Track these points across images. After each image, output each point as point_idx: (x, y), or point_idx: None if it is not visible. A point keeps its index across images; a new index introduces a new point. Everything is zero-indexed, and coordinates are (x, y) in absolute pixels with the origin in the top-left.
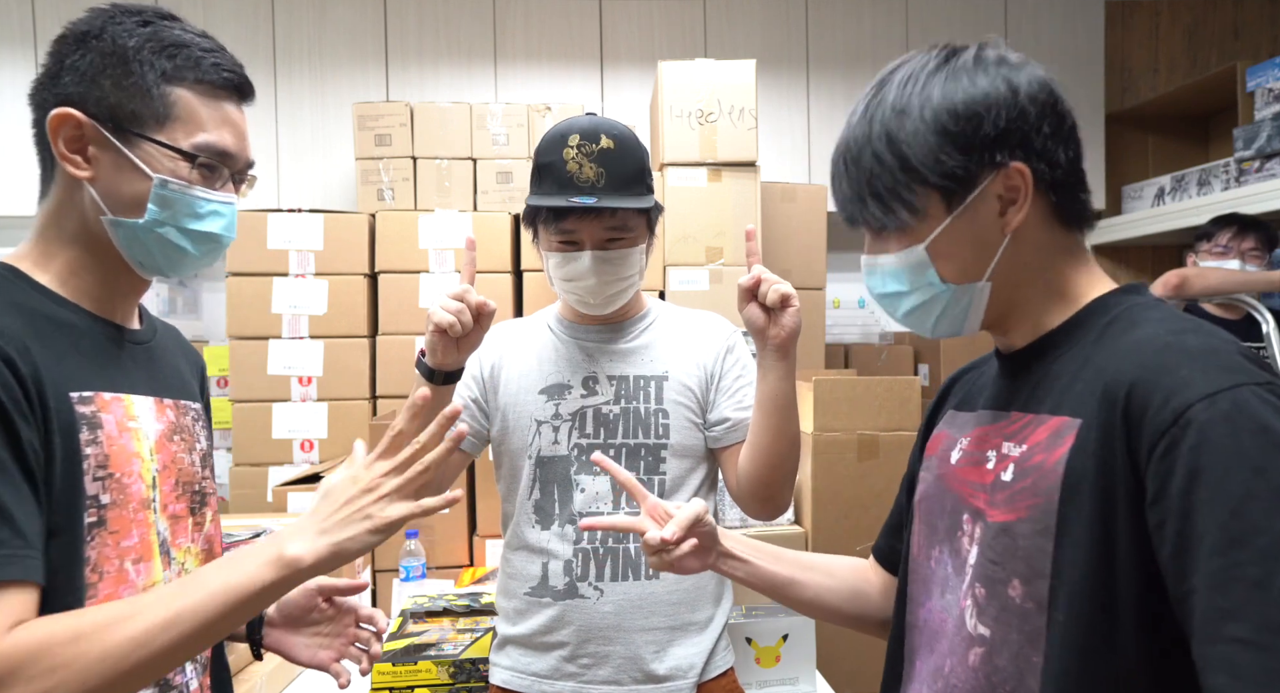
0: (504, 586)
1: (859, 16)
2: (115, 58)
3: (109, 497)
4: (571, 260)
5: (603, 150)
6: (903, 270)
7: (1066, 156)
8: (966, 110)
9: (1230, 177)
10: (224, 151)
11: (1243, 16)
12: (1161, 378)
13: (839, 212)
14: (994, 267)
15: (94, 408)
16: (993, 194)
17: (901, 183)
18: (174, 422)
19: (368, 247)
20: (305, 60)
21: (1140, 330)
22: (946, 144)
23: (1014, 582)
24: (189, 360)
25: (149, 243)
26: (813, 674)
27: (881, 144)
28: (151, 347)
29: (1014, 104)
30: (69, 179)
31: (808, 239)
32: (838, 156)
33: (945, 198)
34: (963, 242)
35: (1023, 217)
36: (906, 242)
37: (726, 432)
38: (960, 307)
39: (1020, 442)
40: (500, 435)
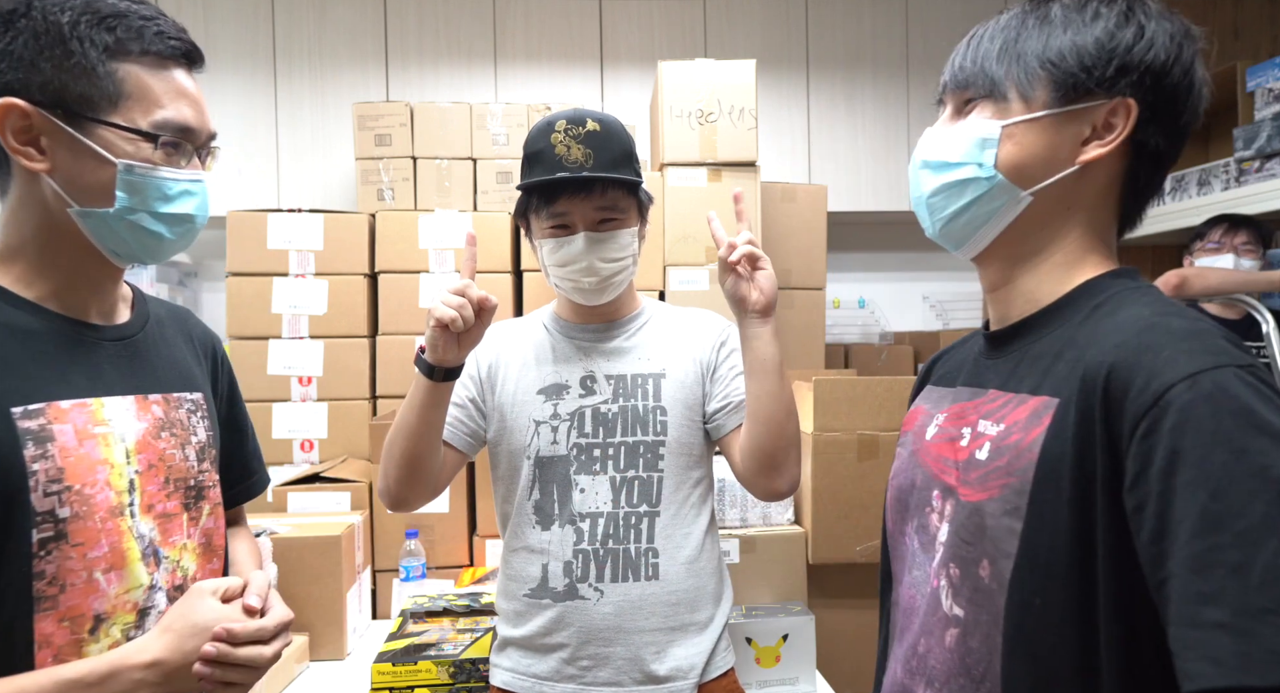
0: (504, 587)
1: (859, 16)
2: (50, 37)
3: (68, 510)
4: (565, 244)
5: (589, 133)
6: (965, 138)
7: (1170, 143)
8: (1134, 36)
9: (1230, 176)
10: (185, 126)
11: (1243, 16)
12: (1143, 358)
13: (946, 76)
14: (1045, 185)
15: (43, 421)
16: (1092, 118)
17: (1037, 55)
18: (161, 418)
19: (368, 247)
20: (305, 60)
21: (1125, 312)
22: (1099, 50)
23: (983, 562)
24: (195, 347)
25: (121, 231)
26: (813, 674)
27: (1033, 25)
28: (136, 341)
29: (1173, 65)
30: (25, 173)
31: (808, 239)
32: (975, 30)
33: (1056, 92)
34: (1038, 140)
35: (1101, 154)
36: (990, 116)
37: (725, 417)
38: (990, 206)
39: (998, 421)
40: (498, 436)
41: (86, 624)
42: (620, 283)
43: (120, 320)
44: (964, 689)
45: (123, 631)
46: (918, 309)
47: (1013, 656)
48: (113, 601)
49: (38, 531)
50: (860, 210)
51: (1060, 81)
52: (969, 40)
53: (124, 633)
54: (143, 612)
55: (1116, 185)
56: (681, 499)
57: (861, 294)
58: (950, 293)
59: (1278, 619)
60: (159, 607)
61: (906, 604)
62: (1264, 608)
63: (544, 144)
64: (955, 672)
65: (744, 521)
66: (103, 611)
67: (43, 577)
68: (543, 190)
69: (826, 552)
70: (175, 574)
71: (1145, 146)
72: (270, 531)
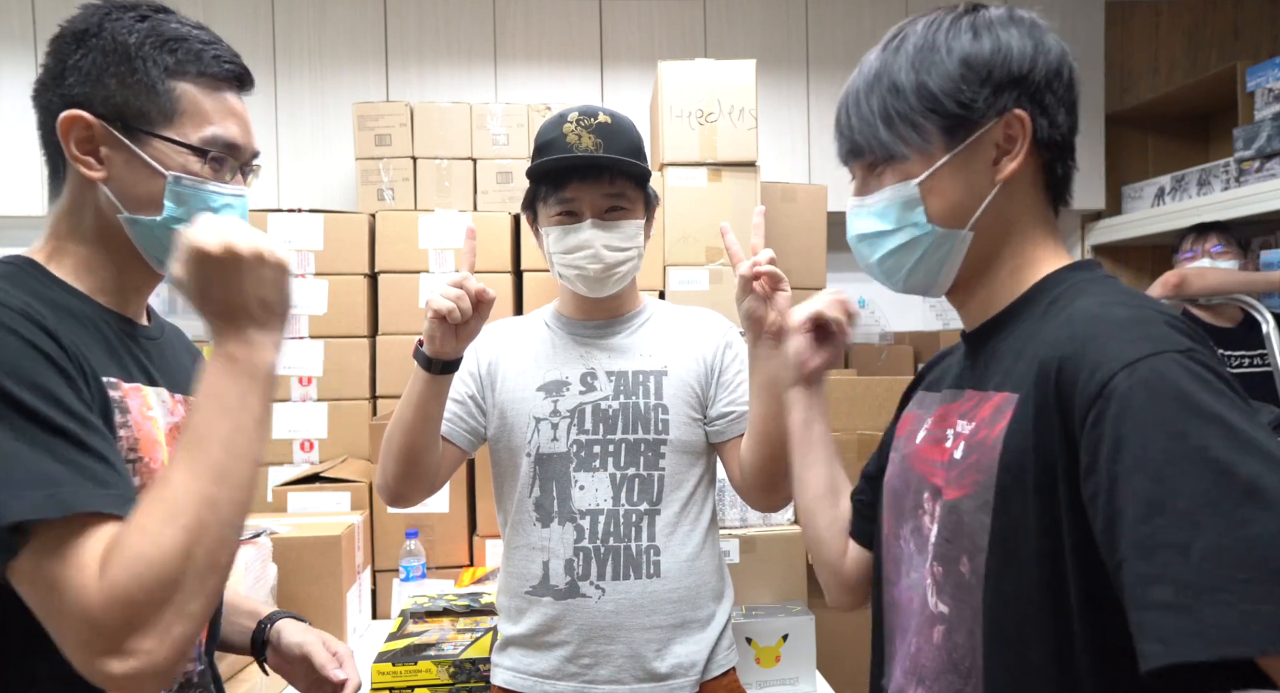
0: (505, 584)
1: (859, 16)
2: (118, 55)
3: (139, 480)
4: (572, 231)
5: (600, 124)
6: (892, 207)
7: (1066, 123)
8: (992, 51)
9: (1230, 176)
10: (232, 144)
11: (1243, 16)
12: (1088, 349)
13: (840, 147)
14: (978, 216)
15: (120, 394)
16: (991, 141)
17: (916, 108)
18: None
19: (368, 247)
20: (305, 60)
21: (1076, 304)
22: (969, 75)
23: (963, 558)
24: (192, 358)
25: (166, 239)
26: (813, 674)
27: (902, 73)
28: (161, 343)
29: (1034, 58)
30: (81, 180)
31: (808, 239)
32: (849, 90)
33: (949, 134)
34: (956, 182)
35: (1015, 167)
36: (901, 178)
37: (728, 425)
38: (940, 254)
39: (970, 419)
40: (498, 433)
41: None
42: (624, 275)
43: (145, 323)
44: (952, 686)
45: None
46: (918, 309)
47: (992, 649)
48: None
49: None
50: None
51: (948, 124)
52: (847, 106)
53: None
54: None
55: (1039, 180)
56: (683, 497)
57: (861, 294)
58: None
59: (1218, 596)
60: None
61: (905, 606)
62: (1205, 586)
63: (555, 134)
64: (944, 668)
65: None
66: None
67: None
68: (552, 177)
69: None
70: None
71: (1048, 139)
72: (270, 530)
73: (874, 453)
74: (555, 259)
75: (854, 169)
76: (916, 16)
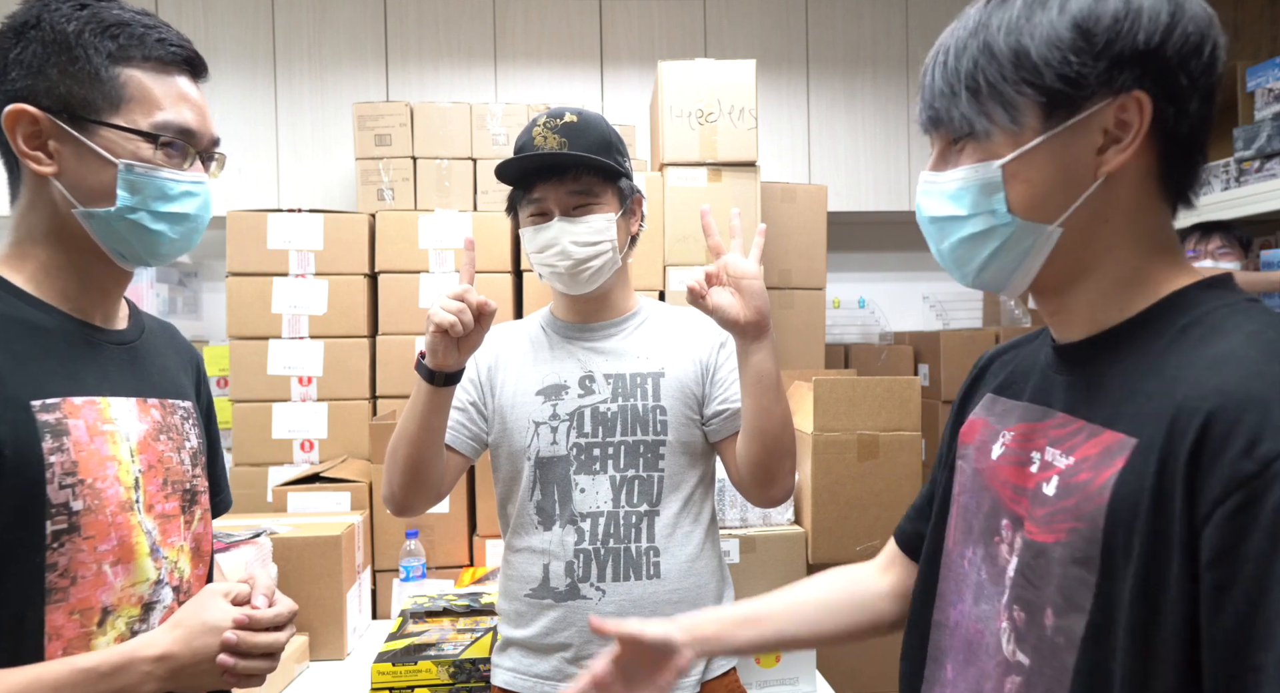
0: (505, 587)
1: (859, 16)
2: (57, 45)
3: (81, 503)
4: (542, 230)
5: (566, 124)
6: (968, 189)
7: (1200, 112)
8: (1116, 14)
9: (1230, 177)
10: (185, 128)
11: (1243, 16)
12: (1247, 414)
13: (920, 110)
14: (1071, 212)
15: (59, 415)
16: (1099, 124)
17: (1009, 77)
18: (160, 421)
19: (368, 247)
20: (305, 60)
21: (1226, 343)
22: (1080, 42)
23: (1047, 610)
24: (183, 359)
25: (123, 231)
26: (813, 674)
27: (1000, 33)
28: (135, 347)
29: (1170, 27)
30: (34, 177)
31: (808, 239)
32: (941, 45)
33: (1048, 111)
34: (1047, 169)
35: (1124, 159)
36: (982, 157)
37: (723, 423)
38: (1019, 249)
39: (1068, 452)
40: (499, 438)
41: (95, 617)
42: (598, 270)
43: (120, 326)
44: None
45: (127, 624)
46: (918, 309)
47: None
48: (119, 593)
49: (51, 522)
50: (860, 210)
51: (1048, 101)
52: (934, 64)
53: (129, 626)
54: (148, 606)
55: (1152, 179)
56: (682, 498)
57: (861, 294)
58: (950, 293)
59: None
60: (164, 602)
61: (971, 637)
62: None
63: (526, 138)
64: None
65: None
66: (110, 603)
67: (55, 568)
68: (522, 179)
69: (826, 552)
70: (173, 575)
71: (1172, 131)
72: (270, 530)
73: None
74: (532, 259)
75: (934, 139)
76: None
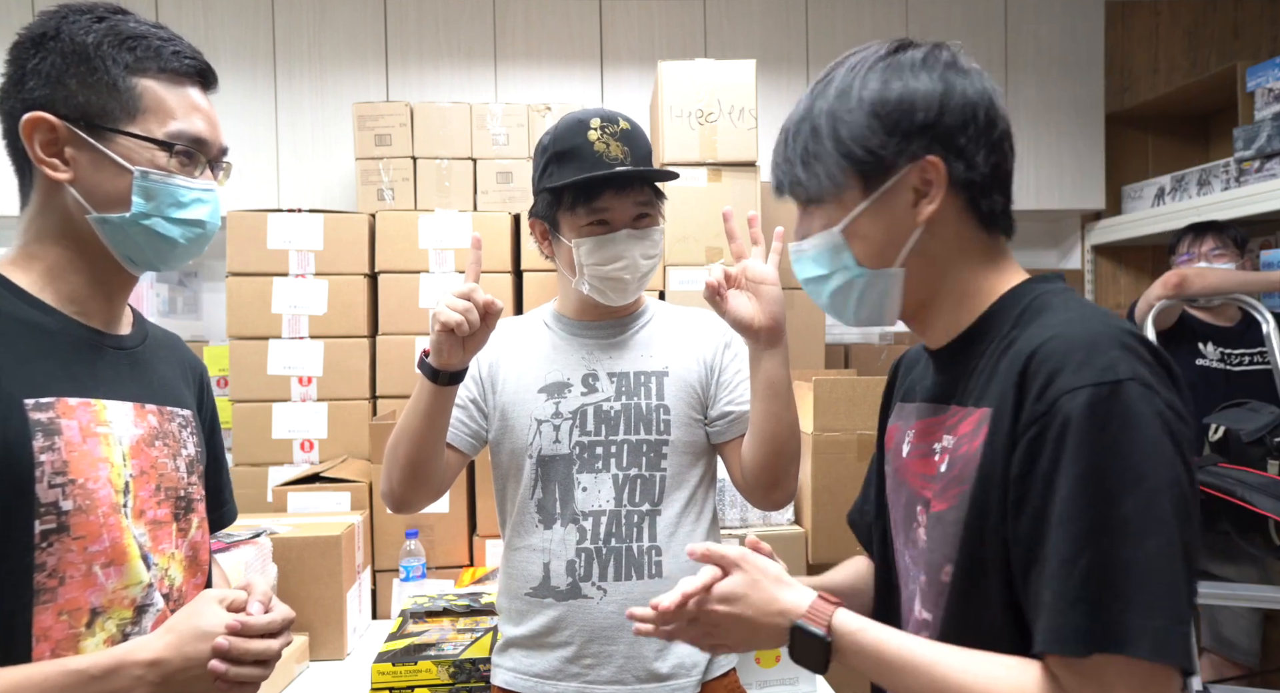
0: (505, 586)
1: (859, 16)
2: (76, 56)
3: (71, 503)
4: (607, 243)
5: (624, 131)
6: (823, 253)
7: (988, 161)
8: (898, 100)
9: (1230, 177)
10: (198, 138)
11: (1243, 16)
12: (1046, 363)
13: (772, 180)
14: (905, 254)
15: (52, 414)
16: (908, 185)
17: (830, 155)
18: (156, 427)
19: (368, 247)
20: (305, 60)
21: (1043, 318)
22: (876, 125)
23: (946, 567)
24: (184, 369)
25: (136, 236)
26: (813, 674)
27: (821, 118)
28: (136, 353)
29: (943, 104)
30: (48, 182)
31: None
32: (784, 126)
33: (864, 180)
34: (877, 226)
35: (934, 209)
36: (826, 223)
37: (728, 426)
38: (877, 292)
39: (954, 434)
40: (500, 435)
41: (83, 618)
42: (648, 281)
43: (123, 332)
44: None
45: (119, 626)
46: None
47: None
48: (109, 595)
49: (40, 522)
50: None
51: (863, 170)
52: (780, 143)
53: (120, 629)
54: (140, 609)
55: (967, 215)
56: (684, 498)
57: None
58: None
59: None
60: (156, 605)
61: (904, 617)
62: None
63: (580, 141)
64: None
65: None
66: (99, 605)
67: (43, 569)
68: (584, 187)
69: (826, 552)
70: (163, 583)
71: (967, 179)
72: (270, 530)
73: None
74: (588, 270)
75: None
76: (850, 53)
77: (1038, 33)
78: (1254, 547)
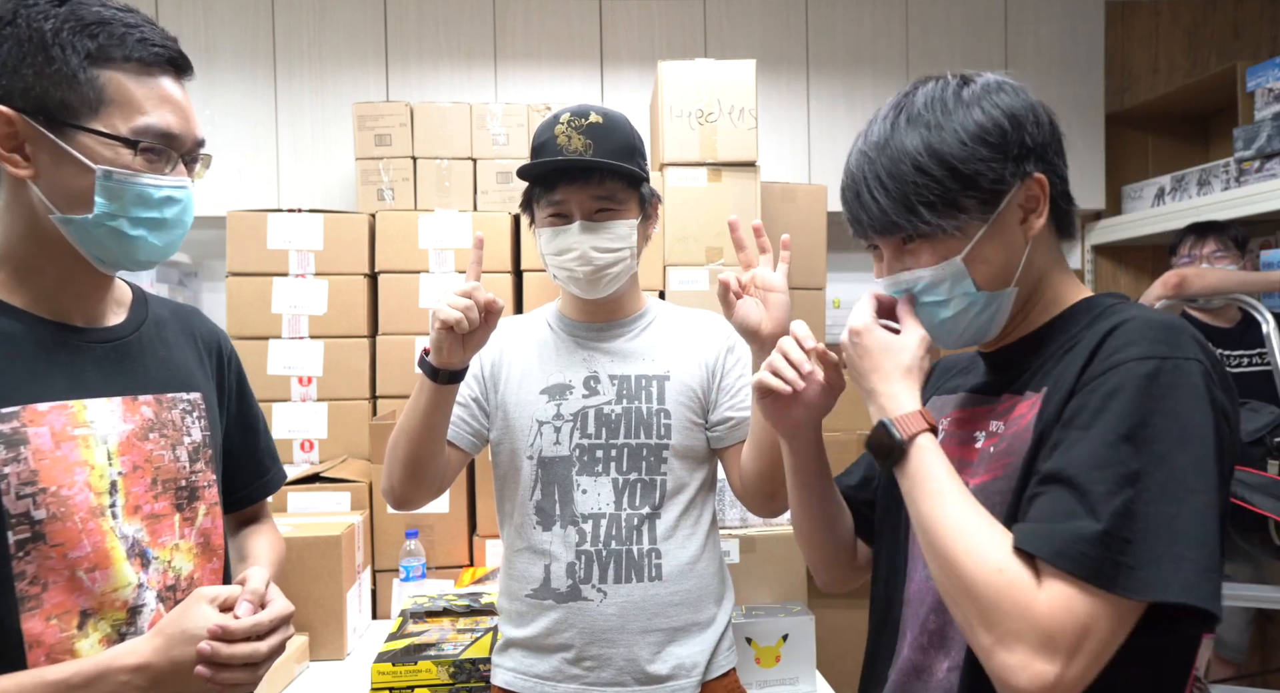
0: (506, 587)
1: (859, 16)
2: (33, 44)
3: (44, 511)
4: (560, 232)
5: (591, 124)
6: (942, 282)
7: (1064, 170)
8: (1006, 123)
9: (1230, 177)
10: (167, 133)
11: (1243, 16)
12: (1116, 339)
13: (863, 224)
14: (1019, 273)
15: (16, 424)
16: (1016, 204)
17: (954, 189)
18: (151, 418)
19: (368, 247)
20: (305, 60)
21: (1117, 318)
22: (989, 153)
23: None
24: (198, 345)
25: (102, 238)
26: (813, 674)
27: (924, 157)
28: (126, 344)
29: (1038, 121)
30: (11, 180)
31: (808, 239)
32: (865, 173)
33: (981, 207)
34: (995, 249)
35: (1042, 222)
36: (940, 254)
37: (729, 431)
38: (989, 313)
39: (1007, 422)
40: (500, 435)
41: (74, 620)
42: (616, 276)
43: (111, 323)
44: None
45: (114, 626)
46: None
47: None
48: (98, 598)
49: (13, 533)
50: None
51: (981, 198)
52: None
53: (115, 629)
54: (134, 610)
55: (1050, 226)
56: (684, 501)
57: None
58: None
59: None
60: (149, 605)
61: (918, 598)
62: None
63: (548, 135)
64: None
65: (744, 521)
66: (89, 607)
67: (24, 577)
68: (542, 178)
69: None
70: (167, 575)
71: (1061, 191)
72: None
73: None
74: (547, 260)
75: (877, 244)
76: (910, 89)
77: (1038, 33)
78: (1253, 546)
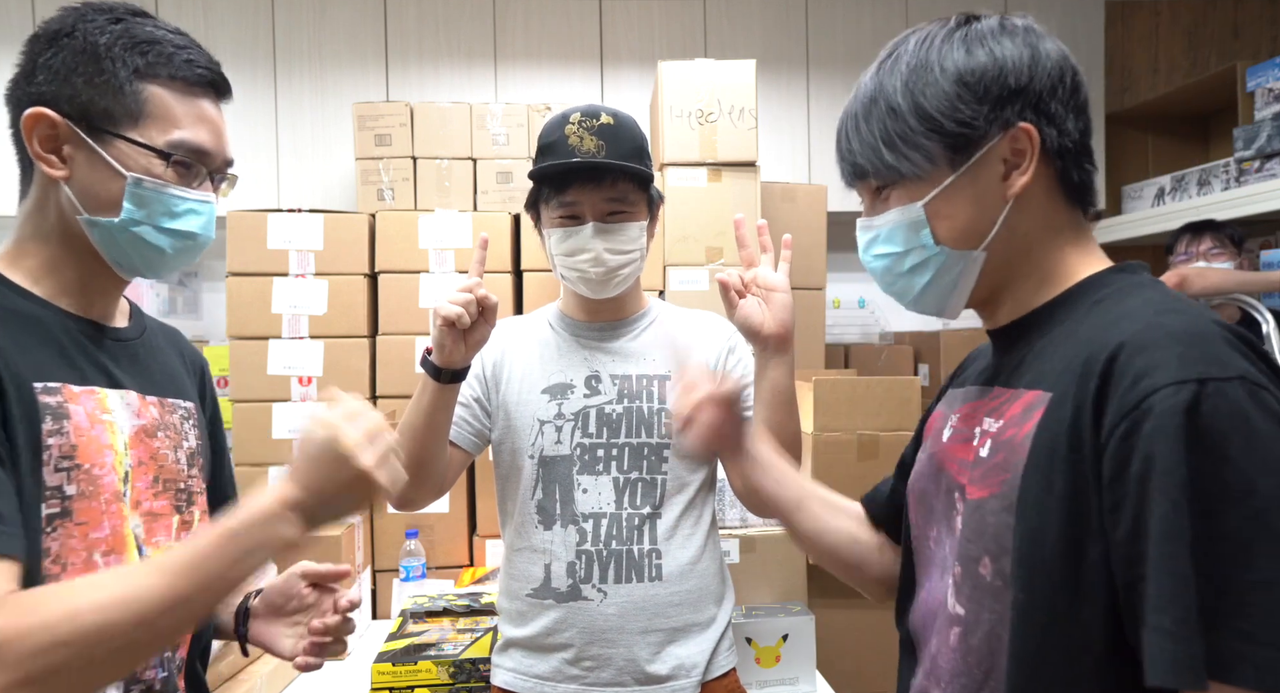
0: (506, 586)
1: (859, 16)
2: (87, 55)
3: (75, 488)
4: (573, 234)
5: (603, 125)
6: (898, 228)
7: (1076, 128)
8: (986, 66)
9: (1230, 177)
10: (200, 149)
11: (1243, 16)
12: (1137, 356)
13: (843, 170)
14: (993, 236)
15: (60, 399)
16: (998, 156)
17: (916, 130)
18: (157, 418)
19: (368, 247)
20: (305, 60)
21: (1125, 305)
22: (964, 93)
23: (984, 559)
24: (186, 361)
25: (124, 242)
26: (813, 674)
27: (898, 95)
28: (136, 345)
29: (1033, 66)
30: (45, 179)
31: (808, 239)
32: (848, 114)
33: (952, 153)
34: (963, 202)
35: (1026, 181)
36: (906, 200)
37: None
38: (950, 276)
39: (998, 417)
40: (502, 434)
41: None
42: (626, 278)
43: (120, 324)
44: (966, 689)
45: None
46: None
47: (1017, 655)
48: None
49: (45, 505)
50: (860, 210)
51: (951, 143)
52: (846, 129)
53: None
54: None
55: (1055, 189)
56: (684, 501)
57: (861, 294)
58: None
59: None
60: None
61: (926, 610)
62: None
63: (558, 135)
64: (958, 671)
65: (744, 521)
66: None
67: (48, 554)
68: (554, 179)
69: None
70: None
71: (1060, 147)
72: None
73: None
74: (557, 261)
75: (860, 191)
76: (909, 32)
77: None
78: None
